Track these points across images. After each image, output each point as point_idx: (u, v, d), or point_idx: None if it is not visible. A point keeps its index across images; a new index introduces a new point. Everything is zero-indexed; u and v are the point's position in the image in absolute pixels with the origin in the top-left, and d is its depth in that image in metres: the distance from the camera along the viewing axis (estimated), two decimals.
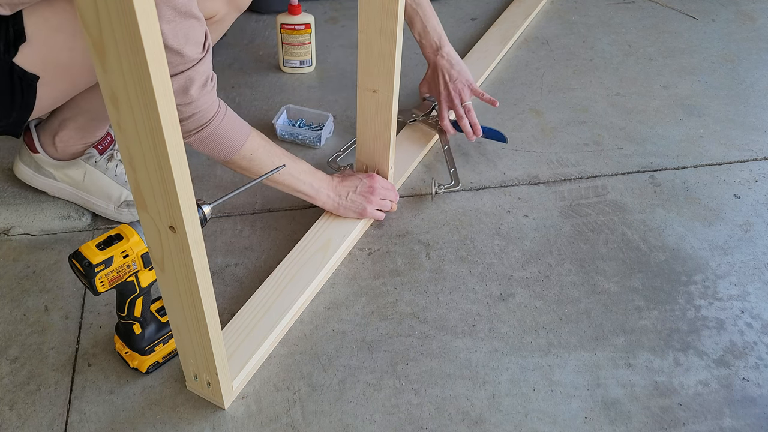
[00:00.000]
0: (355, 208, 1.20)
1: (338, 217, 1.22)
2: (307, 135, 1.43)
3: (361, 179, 1.22)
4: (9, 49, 0.93)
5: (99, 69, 0.60)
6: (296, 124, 1.48)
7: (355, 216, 1.21)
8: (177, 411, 0.95)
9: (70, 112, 1.16)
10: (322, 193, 1.17)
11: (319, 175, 1.18)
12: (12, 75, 0.95)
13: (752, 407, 0.98)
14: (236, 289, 1.13)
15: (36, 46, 0.95)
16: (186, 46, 0.86)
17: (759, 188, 1.38)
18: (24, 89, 0.97)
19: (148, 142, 0.63)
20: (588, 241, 1.24)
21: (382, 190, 1.23)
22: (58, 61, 0.98)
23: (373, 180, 1.22)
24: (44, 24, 0.94)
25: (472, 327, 1.08)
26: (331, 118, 1.46)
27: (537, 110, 1.59)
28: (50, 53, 0.96)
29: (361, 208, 1.20)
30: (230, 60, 1.72)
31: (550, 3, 2.03)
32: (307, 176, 1.15)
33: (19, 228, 1.22)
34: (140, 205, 0.72)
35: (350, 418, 0.95)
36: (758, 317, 1.11)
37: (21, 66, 0.95)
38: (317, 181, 1.17)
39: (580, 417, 0.96)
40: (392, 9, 1.02)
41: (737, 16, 2.00)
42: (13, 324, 1.06)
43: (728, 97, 1.65)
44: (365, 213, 1.21)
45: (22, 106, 1.00)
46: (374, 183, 1.22)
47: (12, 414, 0.94)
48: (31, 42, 0.94)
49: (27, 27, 0.93)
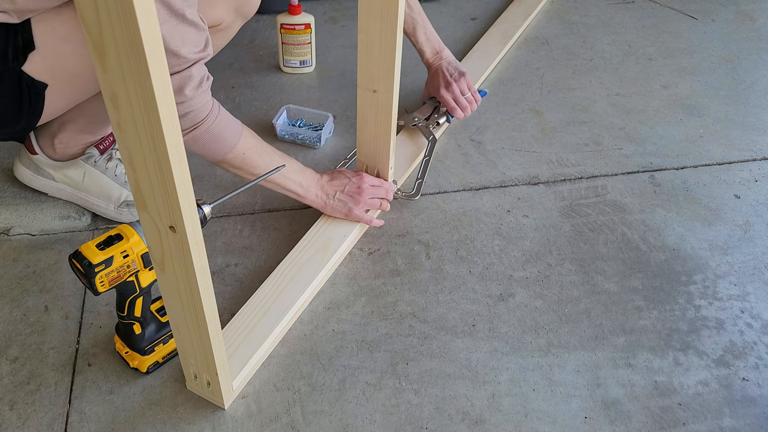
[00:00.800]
0: (341, 208, 1.20)
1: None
2: (307, 135, 1.43)
3: (350, 178, 1.21)
4: (18, 56, 0.93)
5: (99, 69, 0.60)
6: (296, 124, 1.48)
7: (341, 216, 1.21)
8: (177, 411, 0.95)
9: (70, 114, 1.15)
10: (311, 192, 1.17)
11: (308, 173, 1.18)
12: (21, 83, 0.95)
13: (752, 407, 0.98)
14: (236, 289, 1.13)
15: (44, 55, 0.95)
16: (183, 47, 0.87)
17: (759, 188, 1.38)
18: (32, 97, 0.98)
19: (148, 142, 0.63)
20: (588, 241, 1.24)
21: (371, 189, 1.22)
22: (66, 69, 0.98)
23: (362, 179, 1.21)
24: (52, 32, 0.94)
25: (472, 327, 1.08)
26: (331, 118, 1.46)
27: (537, 110, 1.59)
28: (58, 61, 0.97)
29: (347, 209, 1.19)
30: (230, 60, 1.72)
31: (550, 3, 2.03)
32: (297, 175, 1.15)
33: (19, 228, 1.22)
34: (140, 205, 0.72)
35: (350, 418, 0.95)
36: (758, 317, 1.11)
37: (29, 74, 0.95)
38: (306, 180, 1.17)
39: (580, 417, 0.96)
40: (392, 9, 1.02)
41: (737, 16, 2.00)
42: (13, 324, 1.06)
43: (728, 97, 1.65)
44: (351, 214, 1.20)
45: (31, 114, 1.00)
46: (362, 183, 1.21)
47: (12, 414, 0.94)
48: (39, 50, 0.94)
49: (35, 35, 0.94)
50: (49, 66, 0.96)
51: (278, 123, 1.45)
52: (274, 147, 1.13)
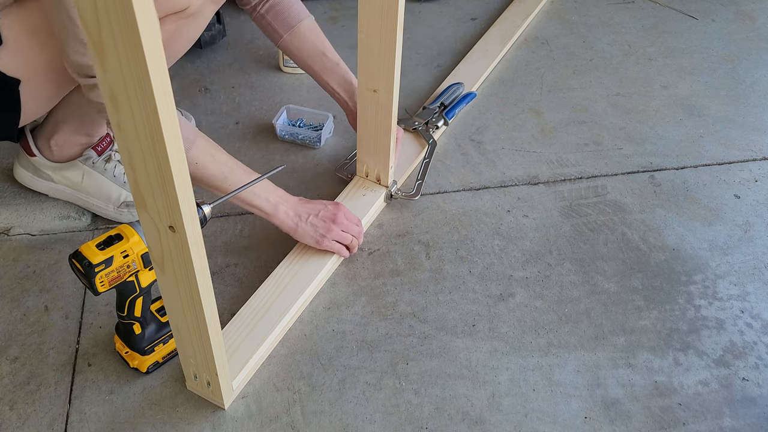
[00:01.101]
0: (313, 233, 1.12)
1: None
2: (308, 135, 1.43)
3: (326, 205, 1.14)
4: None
5: (99, 69, 0.60)
6: (296, 124, 1.48)
7: (311, 243, 1.13)
8: (177, 411, 0.95)
9: (61, 114, 1.15)
10: (280, 211, 1.09)
11: (279, 192, 1.11)
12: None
13: (752, 407, 0.98)
14: (236, 289, 1.13)
15: (13, 50, 0.93)
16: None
17: (759, 188, 1.38)
18: (6, 94, 0.96)
19: (147, 142, 0.63)
20: (588, 241, 1.24)
21: (345, 221, 1.14)
22: (37, 64, 0.96)
23: (338, 209, 1.14)
24: (19, 26, 0.93)
25: (472, 327, 1.08)
26: (331, 117, 1.46)
27: (537, 110, 1.59)
28: (28, 56, 0.95)
29: (319, 236, 1.12)
30: (230, 60, 1.72)
31: (550, 3, 2.03)
32: (263, 191, 1.08)
33: (19, 228, 1.22)
34: (140, 205, 0.72)
35: (350, 417, 0.95)
36: (758, 317, 1.11)
37: (0, 70, 0.94)
38: (274, 197, 1.09)
39: (580, 417, 0.96)
40: (392, 9, 1.02)
41: (737, 16, 2.00)
42: (13, 324, 1.06)
43: (728, 97, 1.65)
44: (322, 242, 1.12)
45: (8, 110, 0.99)
46: (338, 212, 1.14)
47: (12, 414, 0.94)
48: (7, 45, 0.92)
49: (2, 30, 0.92)
50: (19, 61, 0.94)
51: (278, 123, 1.45)
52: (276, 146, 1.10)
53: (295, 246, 1.16)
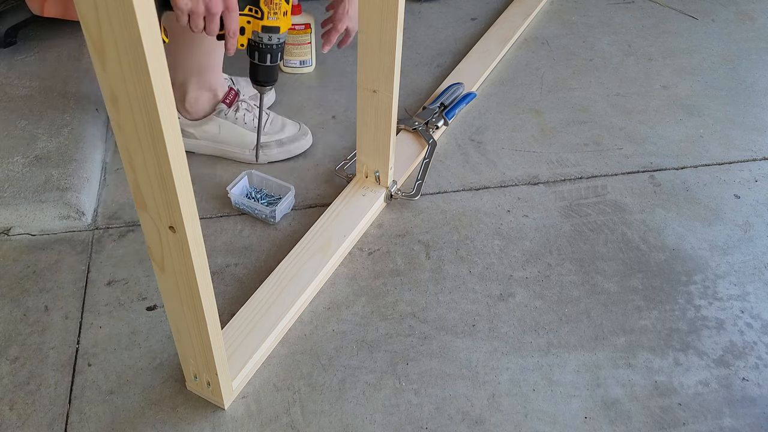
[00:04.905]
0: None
1: (338, 216, 1.22)
2: (262, 210, 1.25)
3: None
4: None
5: (99, 69, 0.60)
6: (255, 194, 1.32)
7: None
8: (177, 411, 0.96)
9: (181, 75, 1.30)
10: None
11: None
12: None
13: (752, 407, 0.98)
14: (236, 289, 1.13)
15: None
16: None
17: (759, 188, 1.38)
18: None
19: (147, 142, 0.63)
20: (588, 241, 1.24)
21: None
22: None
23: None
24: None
25: (472, 327, 1.08)
26: (293, 191, 1.27)
27: (537, 110, 1.59)
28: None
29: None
30: (230, 60, 1.72)
31: (550, 3, 2.03)
32: None
33: (19, 228, 1.23)
34: (140, 205, 0.72)
35: (350, 418, 0.95)
36: (758, 317, 1.11)
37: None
38: None
39: (580, 417, 0.96)
40: (392, 9, 1.02)
41: (737, 16, 2.00)
42: (13, 324, 1.06)
43: (728, 97, 1.65)
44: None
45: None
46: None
47: (12, 414, 0.94)
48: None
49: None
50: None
51: (234, 192, 1.27)
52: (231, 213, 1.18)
53: (295, 246, 1.17)
